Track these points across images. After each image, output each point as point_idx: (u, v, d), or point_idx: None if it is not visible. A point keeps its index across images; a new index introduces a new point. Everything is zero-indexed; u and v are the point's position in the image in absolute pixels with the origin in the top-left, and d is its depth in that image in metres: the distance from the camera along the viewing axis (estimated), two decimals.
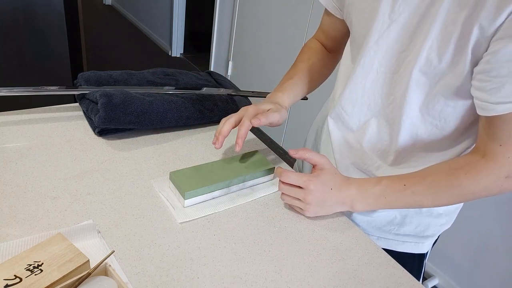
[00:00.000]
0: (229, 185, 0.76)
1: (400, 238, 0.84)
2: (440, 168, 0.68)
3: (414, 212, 0.82)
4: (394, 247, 0.84)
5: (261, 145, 0.96)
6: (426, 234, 0.84)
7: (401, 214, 0.82)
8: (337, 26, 0.86)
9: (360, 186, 0.70)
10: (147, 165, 0.81)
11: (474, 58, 0.60)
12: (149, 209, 0.70)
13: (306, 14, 2.31)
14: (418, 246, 0.85)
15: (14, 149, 0.79)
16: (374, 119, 0.77)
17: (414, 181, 0.67)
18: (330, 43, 0.91)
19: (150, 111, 0.88)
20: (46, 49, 1.89)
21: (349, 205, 0.71)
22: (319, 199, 0.70)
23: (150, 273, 0.59)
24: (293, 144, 2.56)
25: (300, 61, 0.89)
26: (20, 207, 0.66)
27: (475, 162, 0.64)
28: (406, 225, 0.83)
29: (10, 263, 0.52)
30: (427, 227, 0.83)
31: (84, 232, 0.62)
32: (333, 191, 0.70)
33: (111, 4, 5.47)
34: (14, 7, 1.74)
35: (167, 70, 1.09)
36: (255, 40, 2.82)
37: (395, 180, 0.69)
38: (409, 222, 0.82)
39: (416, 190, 0.67)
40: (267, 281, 0.61)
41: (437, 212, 0.82)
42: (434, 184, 0.66)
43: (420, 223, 0.83)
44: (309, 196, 0.69)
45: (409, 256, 0.85)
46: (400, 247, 0.85)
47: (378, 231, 0.84)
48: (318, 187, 0.69)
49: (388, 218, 0.83)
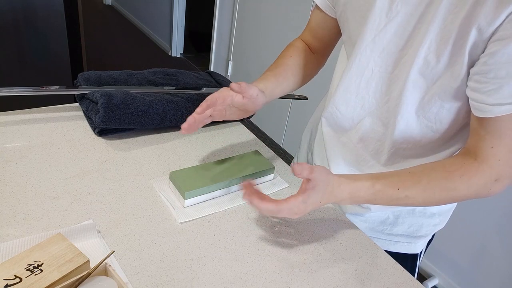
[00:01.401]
0: (229, 185, 0.76)
1: (392, 238, 0.84)
2: (435, 169, 0.66)
3: (406, 212, 0.82)
4: (387, 247, 0.84)
5: (261, 145, 0.96)
6: (419, 234, 0.84)
7: (394, 214, 0.82)
8: (327, 25, 0.85)
9: (352, 193, 0.66)
10: (147, 165, 0.81)
11: (470, 59, 0.60)
12: (149, 209, 0.70)
13: (306, 14, 2.31)
14: (411, 246, 0.85)
15: (14, 149, 0.79)
16: (368, 118, 0.76)
17: (408, 185, 0.65)
18: (316, 43, 0.89)
19: (150, 111, 0.88)
20: (46, 49, 1.89)
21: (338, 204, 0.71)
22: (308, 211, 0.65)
23: (150, 273, 0.59)
24: (293, 144, 2.56)
25: (282, 57, 0.86)
26: (20, 207, 0.66)
27: (469, 165, 0.63)
28: (399, 225, 0.83)
29: (10, 263, 0.52)
30: (420, 227, 0.83)
31: (84, 232, 0.62)
32: (322, 202, 0.66)
33: (111, 4, 5.46)
34: (14, 7, 1.74)
35: (167, 70, 1.09)
36: (255, 40, 2.82)
37: (389, 185, 0.65)
38: (402, 222, 0.82)
39: (410, 193, 0.65)
40: (267, 281, 0.61)
41: (431, 212, 0.82)
42: (429, 187, 0.65)
43: (413, 223, 0.82)
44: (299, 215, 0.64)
45: (402, 256, 0.84)
46: (393, 247, 0.85)
47: (371, 231, 0.84)
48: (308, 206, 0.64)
49: (380, 218, 0.83)
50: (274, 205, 0.61)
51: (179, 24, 4.01)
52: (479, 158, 0.62)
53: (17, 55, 1.84)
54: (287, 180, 0.84)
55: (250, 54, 2.91)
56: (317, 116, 0.93)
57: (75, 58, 1.98)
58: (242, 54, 3.00)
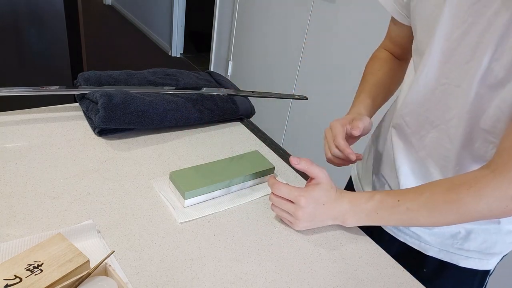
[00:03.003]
0: (229, 185, 0.76)
1: (463, 253, 0.79)
2: (441, 183, 0.64)
3: (480, 228, 0.76)
4: (457, 262, 0.79)
5: (261, 145, 0.96)
6: (492, 251, 0.78)
7: (466, 230, 0.77)
8: (405, 33, 0.83)
9: (353, 201, 0.67)
10: (147, 165, 0.81)
11: None
12: (149, 209, 0.70)
13: (306, 14, 2.31)
14: (482, 263, 0.79)
15: (14, 149, 0.79)
16: (435, 132, 0.72)
17: (409, 196, 0.64)
18: (399, 50, 0.89)
19: (150, 111, 0.88)
20: (46, 49, 1.89)
21: (340, 220, 0.69)
22: (310, 214, 0.67)
23: (150, 273, 0.59)
24: (293, 144, 2.56)
25: (370, 73, 0.88)
26: (20, 207, 0.66)
27: (480, 177, 0.59)
28: (471, 241, 0.77)
29: (10, 263, 0.52)
30: (494, 244, 0.77)
31: (84, 232, 0.62)
32: (325, 206, 0.67)
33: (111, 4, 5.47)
34: (14, 7, 1.74)
35: (167, 70, 1.09)
36: (255, 40, 2.82)
37: (389, 195, 0.65)
38: (475, 238, 0.77)
39: (411, 206, 0.63)
40: (267, 281, 0.61)
41: (507, 229, 0.76)
42: (431, 199, 0.62)
43: (486, 239, 0.77)
44: (299, 212, 0.67)
45: (472, 272, 0.80)
46: (463, 262, 0.79)
47: (439, 244, 0.80)
48: (310, 202, 0.66)
49: (451, 232, 0.78)
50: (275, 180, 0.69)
51: (179, 24, 4.01)
52: (496, 170, 0.58)
53: (17, 55, 1.84)
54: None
55: (250, 54, 2.91)
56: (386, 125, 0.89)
57: (75, 58, 1.98)
58: (242, 54, 3.00)
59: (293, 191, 0.67)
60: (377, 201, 0.66)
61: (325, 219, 0.69)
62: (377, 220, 0.67)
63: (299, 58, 2.41)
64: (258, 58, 2.82)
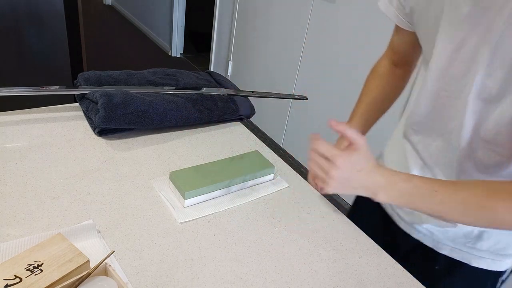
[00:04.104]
0: (229, 185, 0.76)
1: (476, 253, 0.79)
2: (479, 186, 0.63)
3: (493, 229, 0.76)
4: (469, 261, 0.79)
5: (261, 145, 0.96)
6: (506, 252, 0.78)
7: (478, 229, 0.77)
8: (407, 39, 0.84)
9: (389, 178, 0.66)
10: (147, 165, 0.81)
11: None
12: (149, 209, 0.70)
13: (306, 14, 2.31)
14: (495, 263, 0.79)
15: (14, 149, 0.79)
16: (440, 142, 0.74)
17: (447, 190, 0.63)
18: (402, 57, 0.90)
19: (150, 111, 0.88)
20: (46, 49, 1.89)
21: (372, 192, 0.67)
22: (344, 177, 0.66)
23: (150, 273, 0.59)
24: (293, 144, 2.56)
25: (369, 90, 0.90)
26: (20, 207, 0.66)
27: None
28: (484, 241, 0.77)
29: (10, 263, 0.52)
30: (508, 245, 0.77)
31: (84, 232, 0.62)
32: (360, 173, 0.66)
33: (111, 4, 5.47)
34: (14, 7, 1.74)
35: (167, 70, 1.09)
36: (255, 40, 2.82)
37: (427, 183, 0.64)
38: (487, 237, 0.77)
39: (446, 200, 0.62)
40: (267, 281, 0.61)
41: None
42: (467, 200, 0.62)
43: (500, 240, 0.76)
44: (333, 171, 0.65)
45: (484, 272, 0.80)
46: (476, 262, 0.79)
47: (452, 242, 0.80)
48: (346, 164, 0.65)
49: (464, 231, 0.78)
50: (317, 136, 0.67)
51: (179, 24, 4.01)
52: None
53: (17, 55, 1.84)
54: (287, 180, 0.84)
55: (250, 54, 2.91)
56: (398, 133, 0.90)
57: (75, 58, 1.98)
58: (242, 54, 3.00)
59: (332, 150, 0.66)
60: (414, 185, 0.64)
61: (357, 186, 0.67)
62: (408, 203, 0.66)
63: (299, 58, 2.41)
64: (258, 58, 2.82)
